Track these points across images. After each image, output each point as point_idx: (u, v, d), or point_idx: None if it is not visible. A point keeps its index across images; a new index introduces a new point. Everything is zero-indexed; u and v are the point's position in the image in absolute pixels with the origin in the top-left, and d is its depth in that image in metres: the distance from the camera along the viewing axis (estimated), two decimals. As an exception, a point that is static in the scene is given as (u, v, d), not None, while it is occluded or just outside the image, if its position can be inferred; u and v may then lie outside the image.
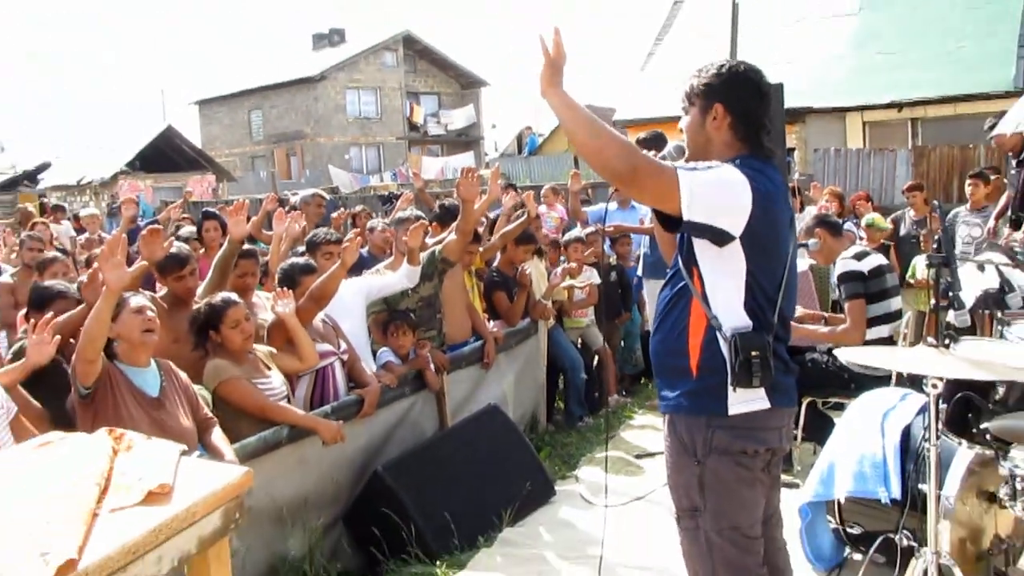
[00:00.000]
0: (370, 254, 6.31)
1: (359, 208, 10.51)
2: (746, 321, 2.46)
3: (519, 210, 6.57)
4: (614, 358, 7.22)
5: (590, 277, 6.83)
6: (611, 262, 7.29)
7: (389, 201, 14.54)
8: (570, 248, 6.90)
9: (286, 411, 4.07)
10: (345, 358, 4.67)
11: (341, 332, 4.77)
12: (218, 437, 3.70)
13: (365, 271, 5.51)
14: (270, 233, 6.00)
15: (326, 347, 4.54)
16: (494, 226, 6.86)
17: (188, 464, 2.00)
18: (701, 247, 2.49)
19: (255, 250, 5.20)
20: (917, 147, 14.76)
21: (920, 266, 7.03)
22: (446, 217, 5.93)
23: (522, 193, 7.16)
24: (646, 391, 7.29)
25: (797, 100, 14.98)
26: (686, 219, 2.38)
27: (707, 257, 2.49)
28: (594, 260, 6.89)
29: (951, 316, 3.87)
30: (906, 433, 3.67)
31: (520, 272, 6.24)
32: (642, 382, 7.67)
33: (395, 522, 4.21)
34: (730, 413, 2.47)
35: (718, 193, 2.40)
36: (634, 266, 7.36)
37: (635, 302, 7.46)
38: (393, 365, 5.01)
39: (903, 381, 4.51)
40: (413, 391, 5.05)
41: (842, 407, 4.45)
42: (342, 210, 8.82)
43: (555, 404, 6.88)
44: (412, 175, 11.07)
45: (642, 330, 7.46)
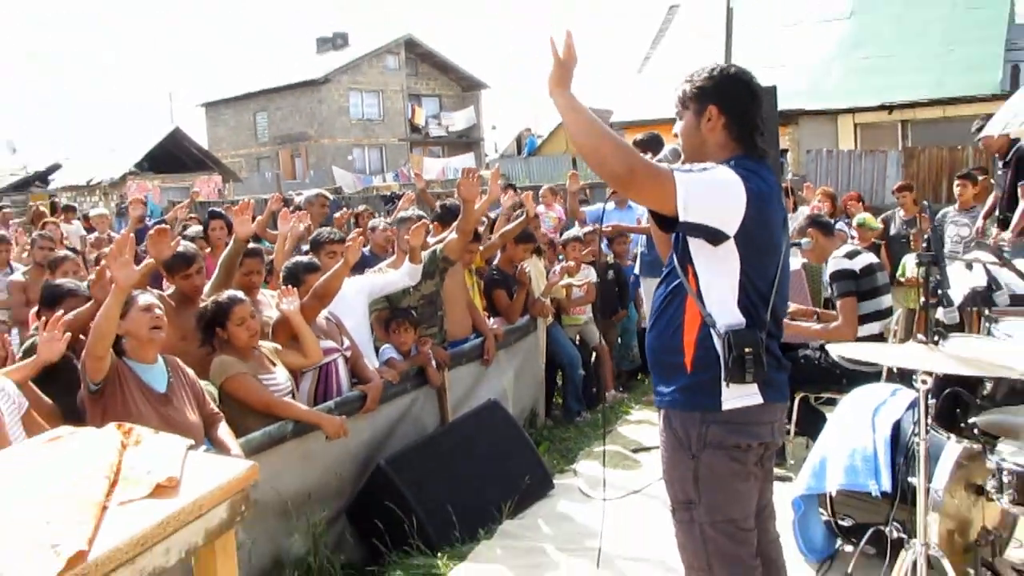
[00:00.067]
0: (372, 253, 6.30)
1: (362, 208, 10.51)
2: (739, 318, 2.46)
3: (518, 210, 6.57)
4: (611, 354, 7.21)
5: (588, 275, 6.83)
6: (608, 261, 7.29)
7: (391, 201, 14.53)
8: (568, 247, 6.90)
9: (290, 406, 4.07)
10: (348, 354, 4.66)
11: (344, 329, 4.77)
12: (224, 432, 3.70)
13: (367, 270, 5.51)
14: (275, 232, 5.99)
15: (330, 344, 4.54)
16: (494, 226, 6.86)
17: (195, 458, 2.00)
18: (696, 246, 2.49)
19: (260, 249, 5.19)
20: (907, 148, 14.78)
21: (910, 264, 7.04)
22: (447, 217, 5.93)
23: (521, 193, 7.16)
24: (642, 387, 7.29)
25: (790, 102, 15.00)
26: (682, 219, 2.38)
27: (702, 256, 2.49)
28: (592, 259, 6.89)
29: (940, 313, 3.87)
30: (896, 427, 3.68)
31: (519, 270, 6.24)
32: (639, 378, 7.67)
33: (397, 515, 4.21)
34: (724, 408, 2.47)
35: (713, 194, 2.40)
36: (631, 264, 7.36)
37: (631, 300, 7.47)
38: (395, 361, 5.01)
39: (893, 377, 4.52)
40: (415, 387, 5.05)
41: (834, 402, 4.46)
42: (344, 210, 8.81)
43: (554, 400, 6.89)
44: (414, 176, 11.06)
45: (638, 327, 7.46)
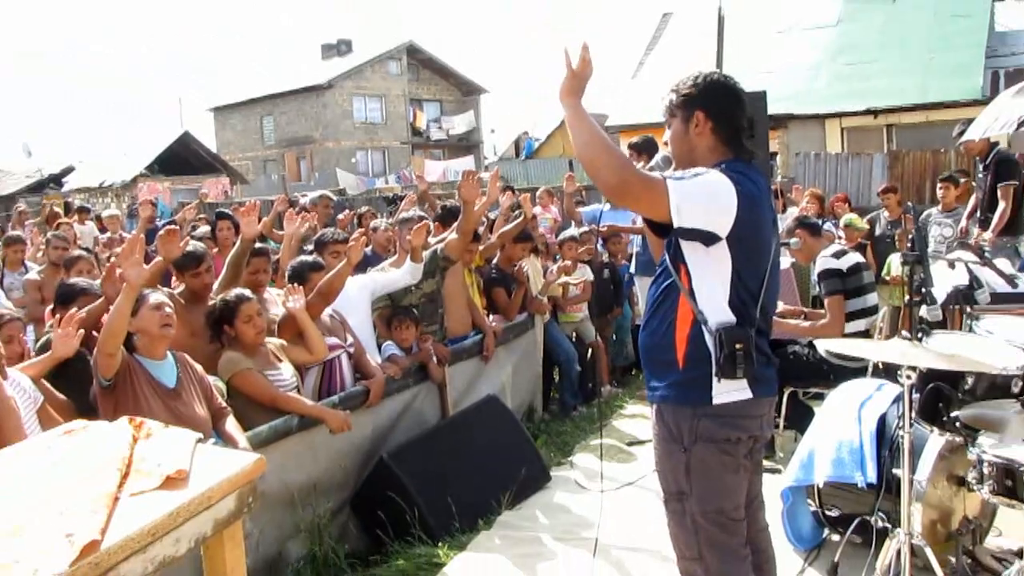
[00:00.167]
0: (374, 252, 6.30)
1: (364, 209, 10.50)
2: (730, 316, 2.46)
3: (516, 210, 6.57)
4: (606, 351, 7.22)
5: (584, 274, 6.84)
6: (604, 260, 7.29)
7: (393, 202, 14.55)
8: (564, 246, 6.90)
9: (296, 401, 4.07)
10: (352, 351, 4.66)
11: (348, 326, 4.77)
12: (232, 426, 3.70)
13: (370, 268, 5.50)
14: (281, 233, 5.99)
15: (334, 340, 4.54)
16: (493, 226, 6.86)
17: (204, 451, 2.00)
18: (688, 246, 2.49)
19: (267, 248, 5.20)
20: (892, 152, 14.79)
21: (895, 264, 7.05)
22: (447, 217, 5.92)
23: (519, 195, 7.15)
24: (637, 382, 7.29)
25: (779, 107, 14.99)
26: (676, 225, 2.39)
27: (694, 255, 2.49)
28: (588, 258, 6.90)
29: (924, 311, 3.87)
30: (882, 421, 3.68)
31: (517, 269, 6.24)
32: (633, 373, 7.67)
33: (399, 506, 4.21)
34: (715, 403, 2.47)
35: (705, 198, 2.41)
36: (626, 264, 7.36)
37: (626, 298, 7.47)
38: (397, 357, 5.01)
39: (879, 372, 4.52)
40: (416, 382, 5.05)
41: (822, 397, 4.46)
42: (347, 211, 8.81)
43: (551, 394, 6.88)
44: (416, 177, 11.06)
45: (633, 324, 7.46)
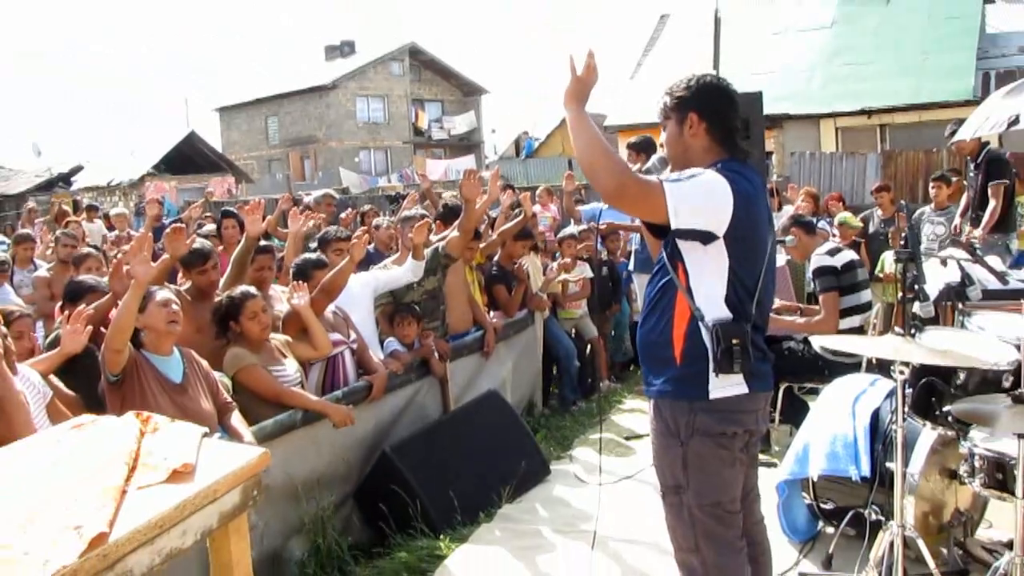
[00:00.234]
0: (377, 250, 6.30)
1: (367, 207, 10.49)
2: (727, 313, 2.46)
3: (516, 209, 6.56)
4: (605, 347, 7.22)
5: (583, 271, 6.83)
6: (602, 257, 7.29)
7: (396, 201, 14.53)
8: (564, 244, 6.90)
9: (300, 396, 4.07)
10: (355, 347, 4.66)
11: (351, 322, 4.76)
12: (237, 420, 3.70)
13: (373, 266, 5.50)
14: (285, 231, 5.99)
15: (337, 336, 4.54)
16: (494, 224, 6.86)
17: (209, 445, 2.00)
18: (686, 245, 2.49)
19: (271, 246, 5.19)
20: (885, 151, 14.76)
21: (888, 261, 7.05)
22: (449, 215, 5.92)
23: (519, 193, 7.15)
24: (635, 377, 7.28)
25: (775, 107, 14.99)
26: (674, 227, 2.40)
27: (691, 253, 2.49)
28: (587, 255, 6.90)
29: (917, 307, 3.87)
30: (875, 415, 3.69)
31: (518, 267, 6.24)
32: (631, 369, 7.67)
33: (402, 499, 4.21)
34: (711, 397, 2.47)
35: (702, 198, 2.41)
36: (624, 261, 7.36)
37: (624, 295, 7.47)
38: (399, 353, 5.01)
39: (872, 367, 4.52)
40: (418, 377, 5.04)
41: (816, 392, 4.46)
42: (350, 210, 8.81)
43: (550, 389, 6.88)
44: (420, 176, 11.06)
45: (631, 321, 7.46)
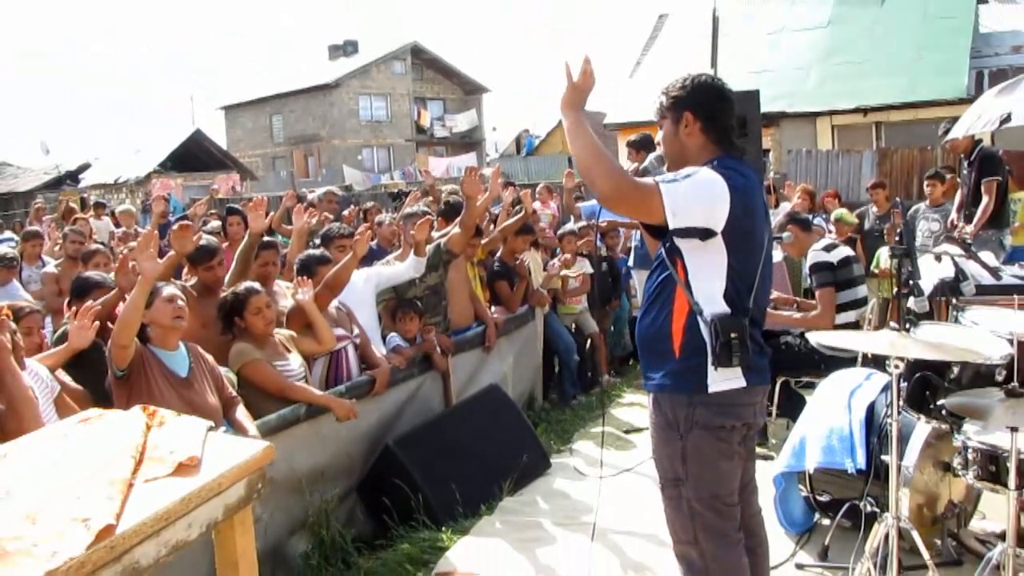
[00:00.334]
0: (379, 246, 6.30)
1: (370, 204, 10.49)
2: (725, 308, 2.46)
3: (517, 205, 6.56)
4: (605, 341, 7.22)
5: (583, 267, 6.83)
6: (602, 253, 7.29)
7: (398, 198, 14.51)
8: (564, 240, 6.90)
9: (304, 390, 4.06)
10: (358, 342, 4.66)
11: (354, 317, 4.76)
12: (242, 414, 3.69)
13: (375, 262, 5.50)
14: (290, 227, 5.98)
15: (340, 331, 4.54)
16: (496, 221, 6.85)
17: (215, 439, 1.99)
18: (685, 241, 2.48)
19: (275, 241, 5.20)
20: (881, 149, 14.74)
21: (884, 257, 7.04)
22: (450, 212, 5.91)
23: (519, 191, 7.14)
24: (634, 372, 7.28)
25: (772, 105, 14.96)
26: (672, 227, 2.40)
27: (690, 249, 2.48)
28: (587, 251, 6.90)
29: (911, 302, 3.87)
30: (871, 409, 3.69)
31: (520, 263, 6.24)
32: (630, 363, 7.66)
33: (404, 492, 4.21)
34: (710, 391, 2.47)
35: (699, 197, 2.41)
36: (624, 257, 7.36)
37: (624, 290, 7.46)
38: (402, 348, 5.01)
39: (868, 362, 4.51)
40: (421, 372, 5.04)
41: (813, 386, 4.47)
42: (353, 207, 8.80)
43: (551, 384, 6.88)
44: (424, 172, 11.08)
45: (630, 316, 7.46)
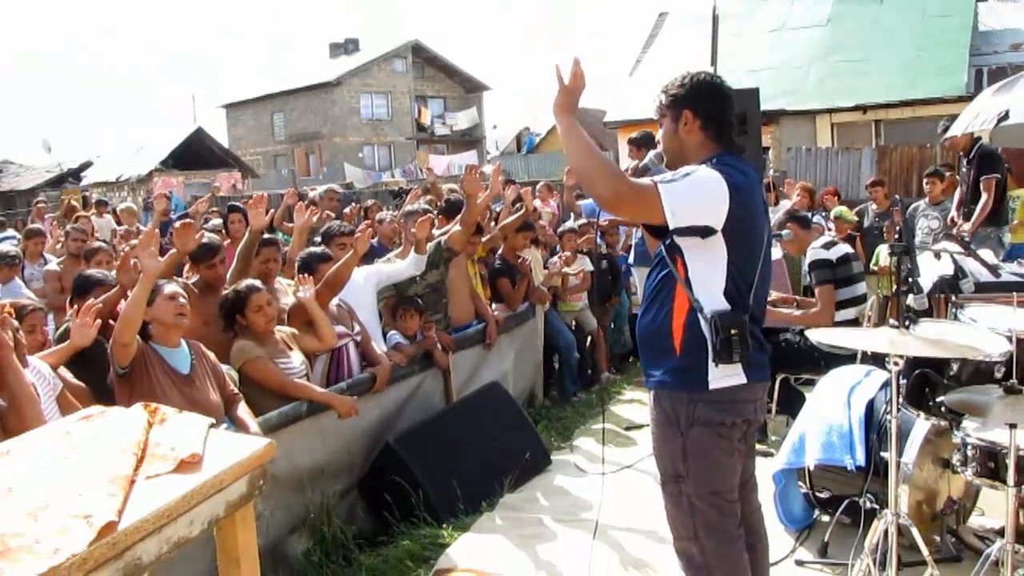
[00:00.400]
0: (380, 244, 6.29)
1: (371, 202, 10.48)
2: (725, 305, 2.46)
3: (518, 203, 6.56)
4: (605, 339, 7.22)
5: (583, 264, 6.83)
6: (602, 251, 7.29)
7: (399, 196, 14.50)
8: (564, 238, 6.90)
9: (305, 388, 4.06)
10: (359, 339, 4.66)
11: (355, 315, 4.76)
12: (243, 411, 3.69)
13: (376, 259, 5.49)
14: (291, 225, 5.98)
15: (341, 329, 4.53)
16: (498, 218, 6.85)
17: (216, 436, 1.99)
18: (685, 239, 2.48)
19: (276, 238, 5.20)
20: (880, 146, 14.73)
21: (883, 254, 7.03)
22: (451, 210, 5.91)
23: (519, 188, 7.14)
24: (634, 369, 7.28)
25: (772, 103, 14.94)
26: (672, 227, 2.40)
27: (690, 247, 2.48)
28: (587, 248, 6.89)
29: (911, 300, 3.87)
30: (870, 406, 3.68)
31: (521, 261, 6.24)
32: (630, 360, 7.66)
33: (405, 489, 4.21)
34: (711, 387, 2.47)
35: (698, 196, 2.40)
36: (624, 254, 7.36)
37: (624, 287, 7.46)
38: (403, 346, 5.01)
39: (867, 359, 4.51)
40: (421, 369, 5.04)
41: (812, 383, 4.46)
42: (354, 204, 8.80)
43: (551, 381, 6.88)
44: (426, 170, 11.11)
45: (630, 313, 7.46)
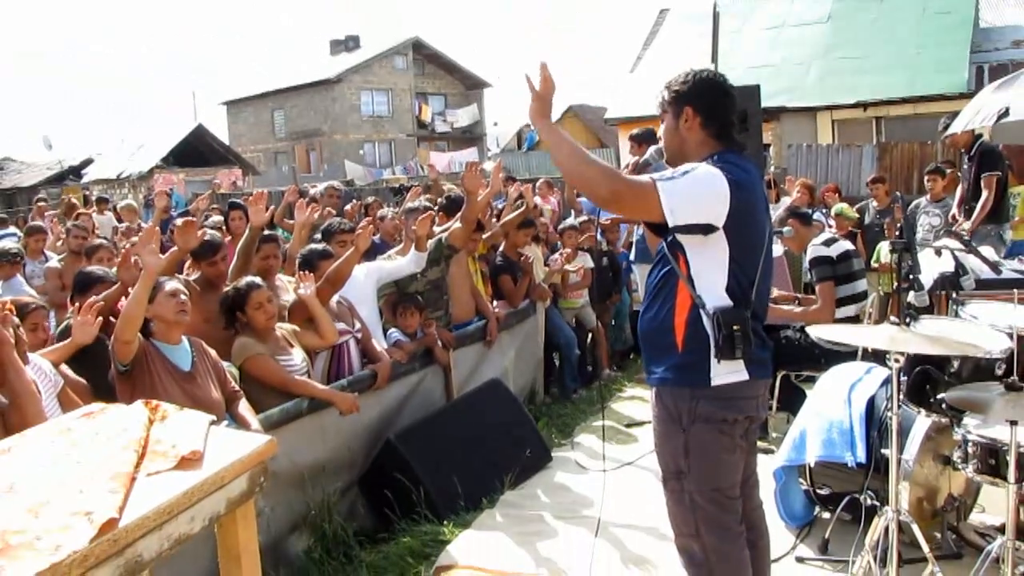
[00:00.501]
0: (381, 240, 6.29)
1: (371, 199, 10.48)
2: (727, 301, 2.45)
3: (519, 200, 6.56)
4: (606, 336, 7.21)
5: (584, 261, 6.83)
6: (603, 248, 7.29)
7: (400, 193, 14.50)
8: (565, 235, 6.90)
9: (306, 385, 4.06)
10: (360, 336, 4.66)
11: (356, 312, 4.76)
12: (244, 408, 3.70)
13: (377, 256, 5.49)
14: (291, 222, 5.98)
15: (342, 326, 4.53)
16: (500, 215, 6.84)
17: (217, 433, 1.99)
18: (687, 237, 2.47)
19: (276, 235, 5.20)
20: (881, 143, 14.72)
21: (884, 251, 7.02)
22: (452, 207, 5.91)
23: (520, 185, 7.13)
24: (635, 366, 7.28)
25: (772, 100, 14.93)
26: (671, 225, 2.39)
27: (692, 244, 2.48)
28: (588, 246, 6.89)
29: (911, 297, 3.85)
30: (871, 403, 3.68)
31: (523, 259, 6.24)
32: (631, 357, 7.66)
33: (406, 486, 4.21)
34: (713, 384, 2.46)
35: (697, 193, 2.39)
36: (624, 251, 7.36)
37: (624, 284, 7.46)
38: (403, 343, 5.00)
39: (868, 356, 4.51)
40: (422, 366, 5.04)
41: (813, 380, 4.46)
42: (355, 202, 8.80)
43: (552, 378, 6.88)
44: (428, 167, 11.09)
45: (631, 310, 7.46)
